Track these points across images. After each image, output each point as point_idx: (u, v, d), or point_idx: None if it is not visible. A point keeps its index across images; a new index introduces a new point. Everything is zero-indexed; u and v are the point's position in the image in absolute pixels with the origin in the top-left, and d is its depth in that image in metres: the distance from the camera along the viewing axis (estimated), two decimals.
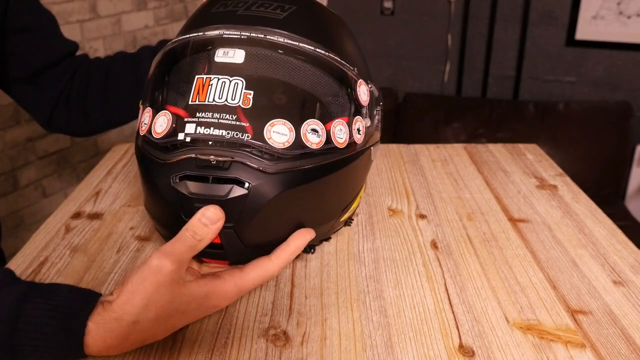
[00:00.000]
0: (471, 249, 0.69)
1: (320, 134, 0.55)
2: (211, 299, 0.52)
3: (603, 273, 0.64)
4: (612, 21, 2.01)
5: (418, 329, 0.55)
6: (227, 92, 0.52)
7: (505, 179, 0.88)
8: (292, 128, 0.53)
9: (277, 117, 0.53)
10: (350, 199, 0.65)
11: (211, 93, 0.52)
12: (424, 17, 2.26)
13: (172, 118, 0.54)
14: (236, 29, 0.55)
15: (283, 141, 0.52)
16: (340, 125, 0.57)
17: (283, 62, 0.55)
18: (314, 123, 0.54)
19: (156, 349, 0.53)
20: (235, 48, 0.54)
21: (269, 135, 0.52)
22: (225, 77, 0.53)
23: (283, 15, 0.56)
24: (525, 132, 2.00)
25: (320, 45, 0.56)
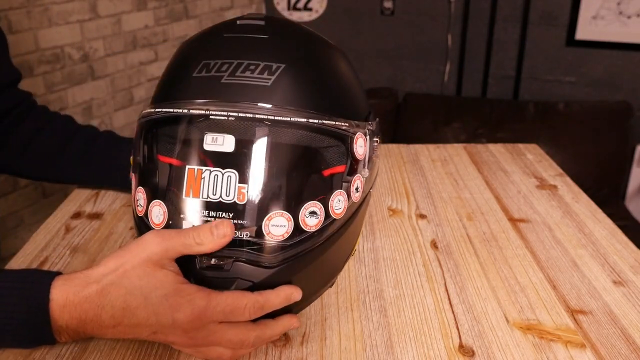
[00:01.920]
0: (471, 249, 0.69)
1: (319, 214, 0.53)
2: (179, 294, 0.49)
3: (603, 273, 0.64)
4: (612, 21, 2.01)
5: (418, 329, 0.55)
6: (220, 187, 0.50)
7: (505, 179, 0.88)
8: (290, 217, 0.51)
9: (274, 209, 0.51)
10: (349, 254, 0.61)
11: (204, 188, 0.50)
12: (424, 17, 2.26)
13: (167, 211, 0.52)
14: (223, 106, 0.51)
15: (282, 233, 0.51)
16: (338, 196, 0.54)
17: (274, 144, 0.52)
18: (312, 206, 0.52)
19: (156, 349, 0.53)
20: (224, 134, 0.51)
21: (267, 230, 0.51)
22: (217, 169, 0.50)
23: (271, 80, 0.52)
24: (525, 132, 1.99)
25: (313, 109, 0.53)
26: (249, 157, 0.51)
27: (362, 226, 0.63)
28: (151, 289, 0.48)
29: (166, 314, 0.48)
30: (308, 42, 0.58)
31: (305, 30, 0.59)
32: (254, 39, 0.54)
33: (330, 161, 0.54)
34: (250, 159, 0.51)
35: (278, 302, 0.51)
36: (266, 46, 0.54)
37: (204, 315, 0.48)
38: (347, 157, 0.55)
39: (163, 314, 0.48)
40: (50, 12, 1.71)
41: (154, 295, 0.48)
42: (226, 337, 0.50)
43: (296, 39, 0.57)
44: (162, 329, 0.49)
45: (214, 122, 0.51)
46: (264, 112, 0.51)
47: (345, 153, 0.55)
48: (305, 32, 0.59)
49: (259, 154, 0.51)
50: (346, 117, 0.55)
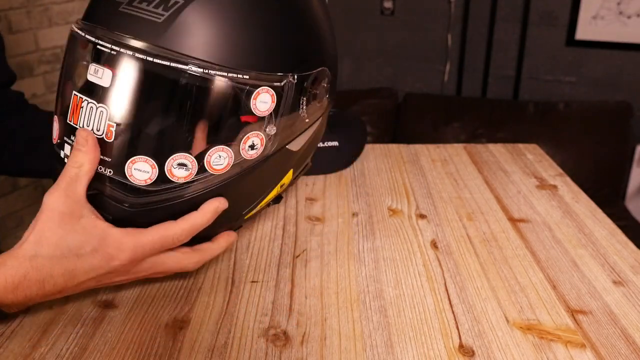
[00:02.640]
0: (471, 249, 0.69)
1: (190, 167, 0.52)
2: (107, 245, 0.50)
3: (603, 273, 0.64)
4: (612, 21, 2.01)
5: (418, 329, 0.55)
6: (93, 120, 0.50)
7: (505, 179, 0.88)
8: (154, 165, 0.51)
9: (139, 153, 0.50)
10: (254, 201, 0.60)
11: (81, 117, 0.51)
12: (424, 17, 2.26)
13: (58, 129, 0.54)
14: (110, 37, 0.49)
15: (144, 178, 0.51)
16: (219, 152, 0.52)
17: (153, 85, 0.50)
18: (181, 157, 0.51)
19: (156, 349, 0.53)
20: (104, 67, 0.50)
21: (130, 172, 0.51)
22: (93, 101, 0.50)
23: (163, 17, 0.49)
24: (525, 132, 2.00)
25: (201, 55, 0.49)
26: (122, 95, 0.50)
27: (273, 184, 0.62)
28: (79, 246, 0.50)
29: (102, 266, 0.51)
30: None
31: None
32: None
33: (212, 113, 0.52)
34: (123, 97, 0.50)
35: (206, 220, 0.53)
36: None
37: (137, 255, 0.51)
38: (238, 111, 0.52)
39: (99, 266, 0.51)
40: (50, 12, 1.71)
41: (84, 252, 0.50)
42: (167, 267, 0.54)
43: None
44: (104, 277, 0.52)
45: (99, 52, 0.50)
46: (145, 51, 0.48)
47: (237, 107, 0.52)
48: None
49: (131, 95, 0.50)
50: (252, 67, 0.51)
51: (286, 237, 0.71)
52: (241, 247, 0.69)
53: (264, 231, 0.73)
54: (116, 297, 0.60)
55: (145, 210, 0.52)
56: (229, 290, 0.61)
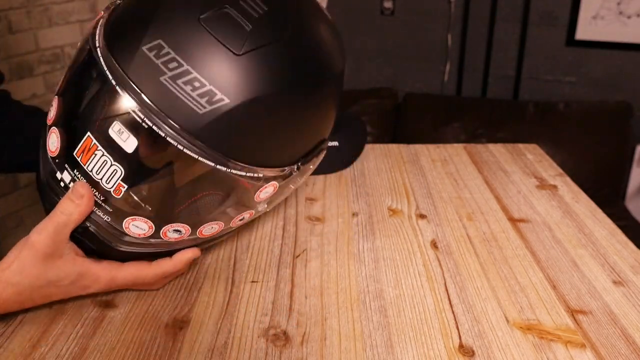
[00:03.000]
0: (471, 249, 0.69)
1: (183, 232, 0.55)
2: (84, 278, 0.55)
3: (603, 273, 0.64)
4: (612, 21, 2.01)
5: (418, 329, 0.55)
6: (104, 172, 0.51)
7: (505, 179, 0.88)
8: (152, 226, 0.53)
9: (142, 215, 0.52)
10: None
11: (92, 163, 0.51)
12: (424, 17, 2.26)
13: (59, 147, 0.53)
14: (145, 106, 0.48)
15: (139, 233, 0.54)
16: (212, 225, 0.56)
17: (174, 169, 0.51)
18: (178, 226, 0.54)
19: (156, 349, 0.53)
20: (130, 133, 0.49)
21: (127, 225, 0.53)
22: (109, 156, 0.50)
23: (206, 110, 0.48)
24: (525, 132, 1.99)
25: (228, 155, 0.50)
26: (142, 167, 0.51)
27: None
28: (58, 280, 0.54)
29: (78, 292, 0.56)
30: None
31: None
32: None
33: (219, 199, 0.55)
34: (142, 169, 0.51)
35: (178, 269, 0.58)
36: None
37: (110, 287, 0.56)
38: (242, 199, 0.55)
39: (75, 292, 0.56)
40: (50, 12, 1.71)
41: (62, 283, 0.54)
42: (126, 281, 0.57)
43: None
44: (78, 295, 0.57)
45: (130, 114, 0.48)
46: (177, 138, 0.48)
47: (242, 196, 0.55)
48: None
49: (152, 169, 0.51)
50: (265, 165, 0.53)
51: (286, 237, 0.71)
52: (241, 247, 0.69)
53: (264, 231, 0.73)
54: (116, 297, 0.60)
55: (129, 252, 0.56)
56: (229, 290, 0.61)
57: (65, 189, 0.53)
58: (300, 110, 0.54)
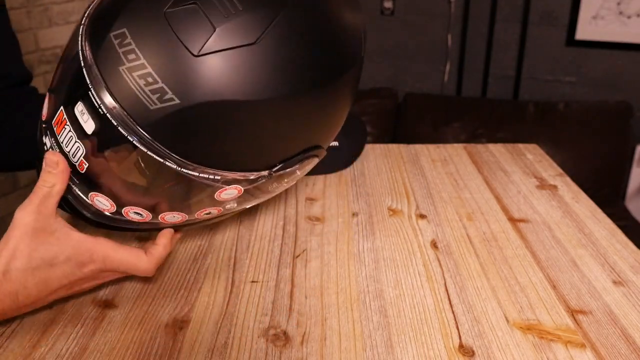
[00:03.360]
0: (471, 249, 0.69)
1: (144, 215, 0.55)
2: (80, 254, 0.53)
3: (603, 273, 0.64)
4: (612, 21, 2.01)
5: (418, 329, 0.55)
6: (70, 147, 0.51)
7: (505, 179, 0.88)
8: (113, 205, 0.54)
9: (103, 193, 0.53)
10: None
11: (62, 134, 0.51)
12: (424, 17, 2.26)
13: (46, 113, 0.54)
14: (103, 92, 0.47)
15: (104, 208, 0.54)
16: (174, 214, 0.55)
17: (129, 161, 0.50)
18: (137, 209, 0.54)
19: (156, 349, 0.53)
20: (90, 116, 0.49)
21: (92, 199, 0.54)
22: (74, 133, 0.51)
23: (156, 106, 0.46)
24: (525, 132, 1.99)
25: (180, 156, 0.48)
26: (100, 149, 0.50)
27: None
28: (53, 257, 0.52)
29: (74, 273, 0.53)
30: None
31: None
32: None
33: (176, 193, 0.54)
34: (99, 152, 0.50)
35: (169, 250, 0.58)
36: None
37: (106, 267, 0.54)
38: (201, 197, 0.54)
39: (72, 273, 0.53)
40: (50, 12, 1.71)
41: (57, 261, 0.52)
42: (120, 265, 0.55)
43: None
44: (75, 284, 0.54)
45: (90, 98, 0.48)
46: (129, 130, 0.47)
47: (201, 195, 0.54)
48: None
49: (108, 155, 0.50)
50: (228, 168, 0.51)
51: (286, 237, 0.71)
52: (241, 247, 0.69)
53: (264, 231, 0.73)
54: (116, 297, 0.60)
55: (103, 224, 0.57)
56: (229, 290, 0.61)
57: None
58: (266, 119, 0.50)
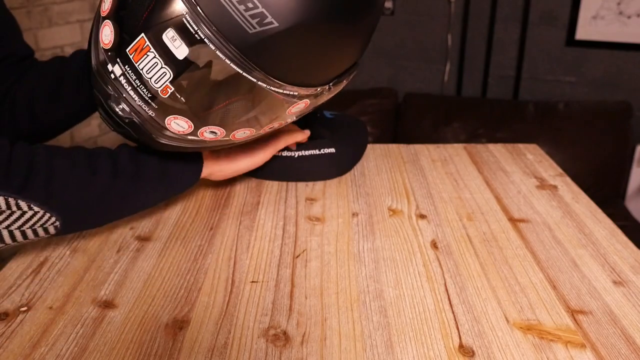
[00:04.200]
0: (471, 249, 0.69)
1: (218, 134, 0.59)
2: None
3: (603, 273, 0.64)
4: (612, 21, 2.01)
5: (418, 329, 0.55)
6: (154, 73, 0.53)
7: (505, 179, 0.88)
8: (191, 126, 0.57)
9: (184, 115, 0.56)
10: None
11: (143, 61, 0.53)
12: (424, 17, 2.26)
13: (112, 41, 0.55)
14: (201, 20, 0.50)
15: (179, 130, 0.57)
16: (244, 130, 0.61)
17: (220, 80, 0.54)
18: (214, 128, 0.58)
19: (156, 349, 0.53)
20: (183, 42, 0.51)
21: (169, 122, 0.57)
22: (159, 59, 0.53)
23: (256, 30, 0.51)
24: (525, 132, 1.99)
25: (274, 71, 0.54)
26: (189, 72, 0.53)
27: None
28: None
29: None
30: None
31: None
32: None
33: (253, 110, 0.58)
34: (189, 74, 0.53)
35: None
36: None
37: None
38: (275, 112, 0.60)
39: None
40: (50, 12, 1.71)
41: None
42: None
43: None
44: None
45: (183, 24, 0.51)
46: (226, 53, 0.51)
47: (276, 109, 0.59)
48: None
49: (198, 76, 0.53)
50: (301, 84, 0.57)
51: (286, 237, 0.71)
52: (241, 247, 0.69)
53: (264, 231, 0.73)
54: (116, 297, 0.60)
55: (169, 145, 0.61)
56: (229, 290, 0.61)
57: (115, 80, 0.56)
58: (343, 38, 0.57)
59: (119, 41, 0.55)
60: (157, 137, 0.60)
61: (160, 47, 0.52)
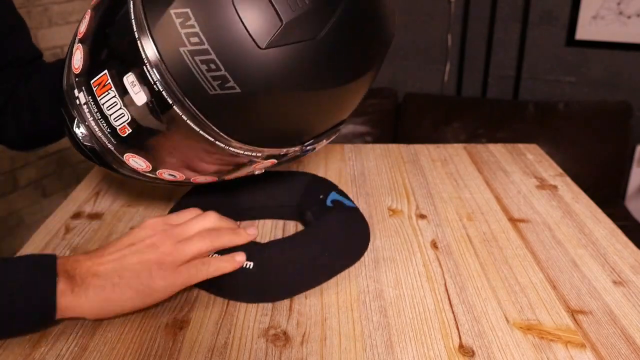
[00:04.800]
0: (471, 249, 0.69)
1: (177, 177, 0.58)
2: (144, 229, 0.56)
3: (603, 273, 0.64)
4: (612, 21, 2.01)
5: (418, 329, 0.55)
6: (113, 111, 0.52)
7: (505, 179, 0.88)
8: (149, 166, 0.56)
9: (140, 155, 0.55)
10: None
11: (105, 97, 0.51)
12: (424, 17, 2.26)
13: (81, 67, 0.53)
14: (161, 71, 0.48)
15: (138, 167, 0.56)
16: (206, 177, 0.59)
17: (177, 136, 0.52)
18: (172, 172, 0.57)
19: (156, 349, 0.53)
20: (142, 89, 0.49)
21: (127, 159, 0.56)
22: (120, 100, 0.51)
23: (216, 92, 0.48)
24: (525, 132, 1.99)
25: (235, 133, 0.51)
26: (147, 120, 0.51)
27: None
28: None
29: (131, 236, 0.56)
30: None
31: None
32: None
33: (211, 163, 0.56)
34: (147, 122, 0.51)
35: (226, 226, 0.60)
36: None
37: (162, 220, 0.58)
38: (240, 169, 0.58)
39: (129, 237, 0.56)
40: (50, 12, 1.71)
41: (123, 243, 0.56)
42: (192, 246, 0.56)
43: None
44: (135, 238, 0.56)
45: (145, 73, 0.48)
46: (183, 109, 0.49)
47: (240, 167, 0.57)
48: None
49: (155, 127, 0.51)
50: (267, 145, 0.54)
51: None
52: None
53: (264, 231, 0.73)
54: None
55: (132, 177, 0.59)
56: None
57: (79, 106, 0.54)
58: (314, 106, 0.52)
59: (86, 70, 0.53)
60: (117, 168, 0.58)
61: (121, 88, 0.50)
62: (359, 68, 0.54)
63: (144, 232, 0.56)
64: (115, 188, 0.85)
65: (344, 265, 0.62)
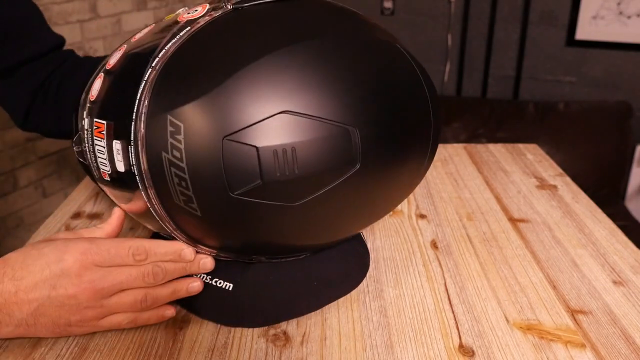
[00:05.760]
0: (471, 249, 0.69)
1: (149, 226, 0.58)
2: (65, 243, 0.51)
3: (603, 273, 0.64)
4: (612, 21, 2.01)
5: (418, 329, 0.55)
6: (101, 157, 0.52)
7: (505, 179, 0.88)
8: (126, 208, 0.56)
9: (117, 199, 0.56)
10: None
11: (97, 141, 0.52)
12: (424, 17, 2.26)
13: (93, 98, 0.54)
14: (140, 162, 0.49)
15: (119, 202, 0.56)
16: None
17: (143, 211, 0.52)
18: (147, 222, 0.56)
19: (156, 349, 0.53)
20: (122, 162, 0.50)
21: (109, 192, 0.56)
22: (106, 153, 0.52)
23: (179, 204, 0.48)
24: (525, 132, 1.99)
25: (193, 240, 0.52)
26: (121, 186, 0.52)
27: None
28: (43, 246, 0.51)
29: (56, 260, 0.50)
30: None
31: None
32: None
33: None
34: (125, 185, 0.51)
35: (163, 251, 0.52)
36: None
37: (89, 254, 0.50)
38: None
39: (54, 260, 0.50)
40: (50, 12, 1.71)
41: (45, 249, 0.51)
42: (121, 300, 0.52)
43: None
44: (57, 281, 0.49)
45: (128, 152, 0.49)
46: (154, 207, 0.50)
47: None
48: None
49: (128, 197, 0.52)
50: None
51: None
52: None
53: None
54: None
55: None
56: None
57: (82, 128, 0.54)
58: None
59: (97, 106, 0.53)
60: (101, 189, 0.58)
61: (109, 146, 0.51)
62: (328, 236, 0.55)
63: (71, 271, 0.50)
64: None
65: (334, 296, 0.57)
